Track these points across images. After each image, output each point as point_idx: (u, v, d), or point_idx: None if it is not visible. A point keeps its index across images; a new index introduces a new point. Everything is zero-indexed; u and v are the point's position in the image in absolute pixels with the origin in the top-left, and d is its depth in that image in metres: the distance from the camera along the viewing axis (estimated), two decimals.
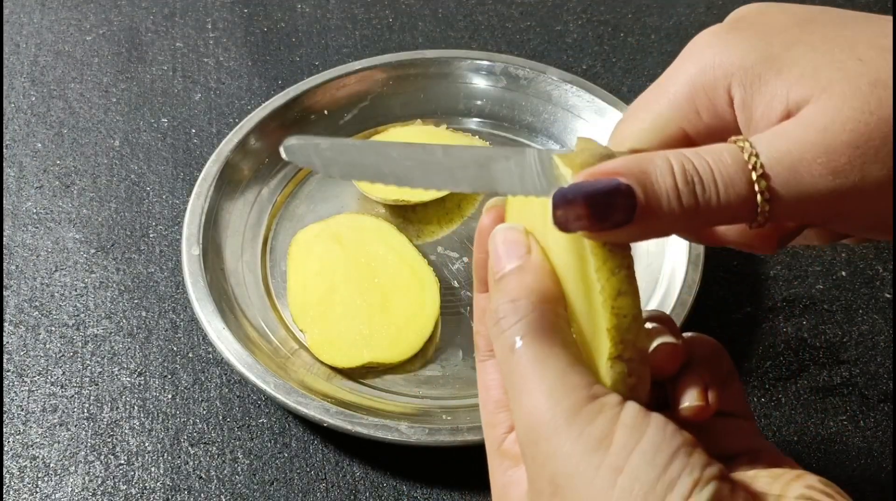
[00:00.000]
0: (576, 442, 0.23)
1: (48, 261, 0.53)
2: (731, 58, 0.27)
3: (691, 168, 0.24)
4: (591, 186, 0.24)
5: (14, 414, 0.46)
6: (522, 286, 0.26)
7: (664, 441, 0.23)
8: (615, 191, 0.24)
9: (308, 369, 0.46)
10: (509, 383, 0.26)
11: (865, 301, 0.52)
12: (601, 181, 0.24)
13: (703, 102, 0.28)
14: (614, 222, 0.24)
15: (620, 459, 0.23)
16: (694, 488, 0.22)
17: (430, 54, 0.61)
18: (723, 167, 0.25)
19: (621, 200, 0.24)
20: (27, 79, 0.64)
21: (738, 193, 0.25)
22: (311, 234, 0.52)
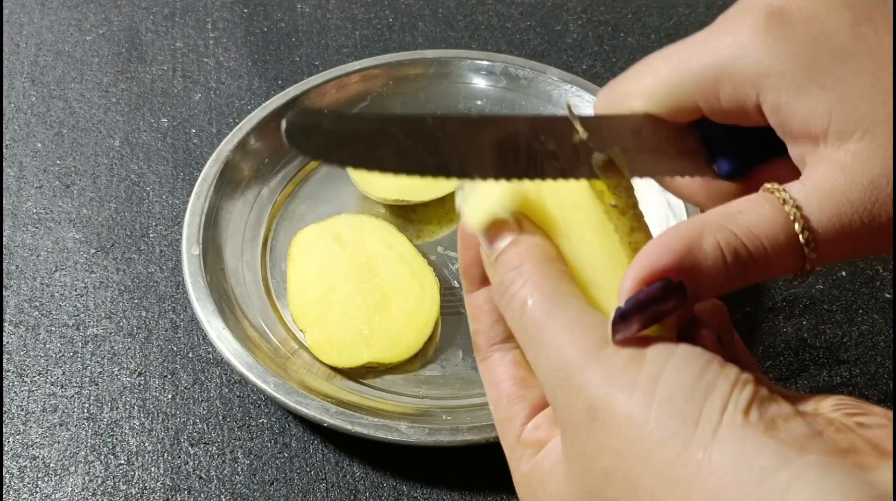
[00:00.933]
0: (608, 365, 0.23)
1: (48, 261, 0.53)
2: (771, 57, 0.26)
3: (745, 253, 0.24)
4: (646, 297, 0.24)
5: (14, 414, 0.46)
6: (521, 254, 0.26)
7: (694, 355, 0.23)
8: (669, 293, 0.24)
9: (308, 369, 0.46)
10: (527, 340, 0.25)
11: (865, 301, 0.52)
12: (654, 289, 0.24)
13: (727, 90, 0.27)
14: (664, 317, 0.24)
15: (656, 371, 0.22)
16: (733, 390, 0.22)
17: (430, 54, 0.61)
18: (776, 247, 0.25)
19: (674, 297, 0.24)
20: (27, 79, 0.64)
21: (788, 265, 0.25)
22: (311, 234, 0.52)
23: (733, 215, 0.25)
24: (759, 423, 0.21)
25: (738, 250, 0.24)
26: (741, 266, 0.24)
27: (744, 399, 0.22)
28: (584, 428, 0.23)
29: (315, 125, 0.24)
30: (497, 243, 0.27)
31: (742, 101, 0.27)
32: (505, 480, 0.44)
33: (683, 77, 0.28)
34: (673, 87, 0.28)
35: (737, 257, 0.24)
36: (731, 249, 0.24)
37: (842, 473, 0.20)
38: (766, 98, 0.26)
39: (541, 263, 0.26)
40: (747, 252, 0.24)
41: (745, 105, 0.27)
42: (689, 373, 0.22)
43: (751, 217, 0.25)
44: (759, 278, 0.25)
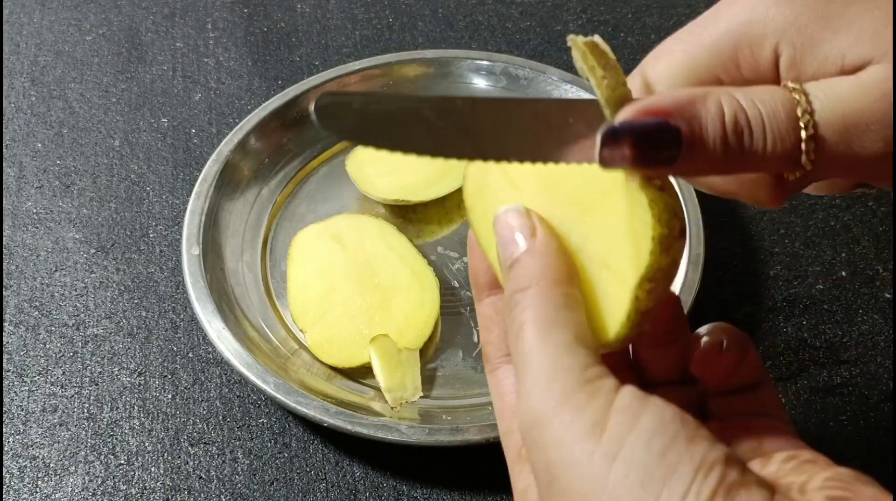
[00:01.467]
0: (568, 428, 0.22)
1: (48, 261, 0.53)
2: (784, 13, 0.26)
3: (743, 118, 0.24)
4: (641, 124, 0.23)
5: (14, 414, 0.46)
6: (530, 274, 0.26)
7: (662, 425, 0.22)
8: (664, 131, 0.23)
9: (308, 369, 0.46)
10: (515, 369, 0.25)
11: (865, 301, 0.52)
12: (650, 121, 0.23)
13: (746, 56, 0.27)
14: (656, 162, 0.23)
15: (615, 445, 0.21)
16: (696, 474, 0.21)
17: (430, 54, 0.61)
18: (775, 122, 0.24)
19: (668, 140, 0.23)
20: (27, 79, 0.64)
21: (786, 149, 0.24)
22: (311, 234, 0.52)
23: (742, 88, 0.25)
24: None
25: (737, 115, 0.24)
26: (738, 135, 0.24)
27: (707, 488, 0.21)
28: (545, 489, 0.23)
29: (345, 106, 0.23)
30: (510, 248, 0.27)
31: (762, 64, 0.26)
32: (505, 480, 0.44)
33: (700, 53, 0.27)
34: (692, 64, 0.28)
35: (735, 122, 0.24)
36: (731, 111, 0.24)
37: None
38: (782, 54, 0.26)
39: (547, 288, 0.25)
40: (746, 119, 0.24)
41: (765, 69, 0.27)
42: (650, 454, 0.21)
43: (757, 91, 0.24)
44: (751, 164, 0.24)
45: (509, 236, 0.27)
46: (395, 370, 0.46)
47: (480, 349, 0.48)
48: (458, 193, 0.55)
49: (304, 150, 0.58)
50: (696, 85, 0.27)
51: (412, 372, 0.46)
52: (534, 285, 0.25)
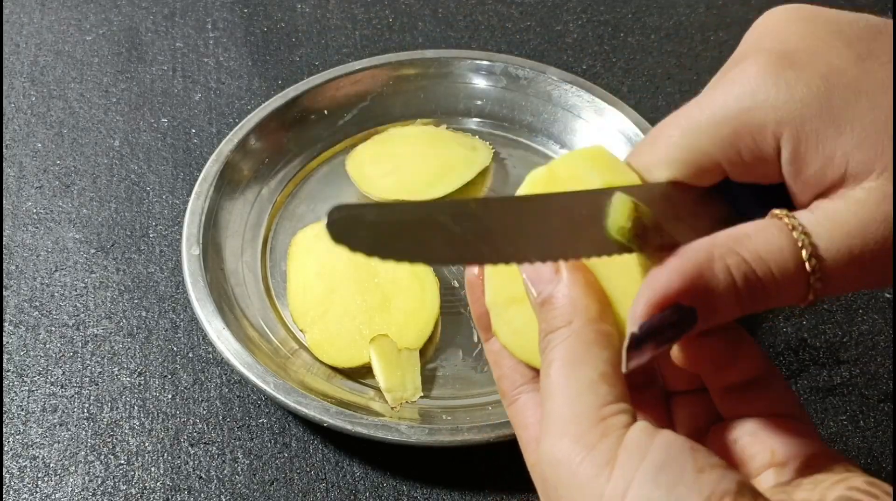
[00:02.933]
0: (580, 467, 0.23)
1: (48, 261, 0.53)
2: (788, 105, 0.25)
3: (753, 277, 0.24)
4: (659, 323, 0.24)
5: (14, 414, 0.46)
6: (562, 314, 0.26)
7: (669, 460, 0.22)
8: (681, 318, 0.24)
9: (308, 369, 0.46)
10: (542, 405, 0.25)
11: (865, 301, 0.52)
12: (667, 315, 0.24)
13: (747, 144, 0.26)
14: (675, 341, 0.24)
15: (623, 482, 0.22)
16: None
17: (430, 54, 0.61)
18: (785, 275, 0.24)
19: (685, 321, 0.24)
20: (27, 79, 0.64)
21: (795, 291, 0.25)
22: (311, 234, 0.52)
23: (741, 239, 0.25)
24: None
25: (747, 275, 0.24)
26: (751, 291, 0.24)
27: None
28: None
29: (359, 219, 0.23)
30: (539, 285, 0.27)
31: (763, 152, 0.26)
32: (505, 480, 0.44)
33: (699, 138, 0.27)
34: (691, 151, 0.27)
35: (747, 282, 0.24)
36: (741, 273, 0.24)
37: None
38: (784, 146, 0.25)
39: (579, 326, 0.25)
40: (756, 277, 0.24)
41: (766, 156, 0.26)
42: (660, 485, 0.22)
43: (759, 242, 0.24)
44: (766, 304, 0.25)
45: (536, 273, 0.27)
46: (395, 370, 0.46)
47: (480, 348, 0.48)
48: (458, 193, 0.55)
49: (304, 150, 0.58)
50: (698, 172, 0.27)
51: (412, 372, 0.46)
52: (565, 326, 0.26)
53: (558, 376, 0.25)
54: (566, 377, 0.25)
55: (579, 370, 0.25)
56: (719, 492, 0.21)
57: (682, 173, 0.28)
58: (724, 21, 0.70)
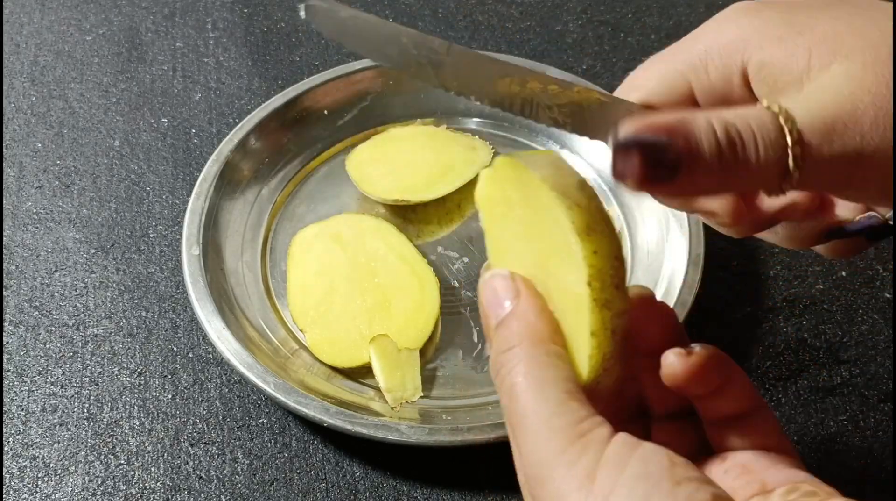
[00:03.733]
0: (563, 482, 0.23)
1: (48, 261, 0.53)
2: (753, 25, 0.28)
3: (734, 130, 0.25)
4: (645, 138, 0.24)
5: (14, 414, 0.46)
6: (515, 334, 0.27)
7: (647, 472, 0.23)
8: (665, 146, 0.24)
9: (308, 369, 0.46)
10: (510, 426, 0.26)
11: (865, 301, 0.52)
12: (656, 136, 0.24)
13: (715, 62, 0.28)
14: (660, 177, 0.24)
15: (602, 495, 0.22)
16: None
17: None
18: (764, 131, 0.25)
19: (669, 154, 0.24)
20: (27, 79, 0.64)
21: (777, 156, 0.25)
22: (310, 234, 0.52)
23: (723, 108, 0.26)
24: None
25: (728, 128, 0.25)
26: (731, 147, 0.25)
27: None
28: None
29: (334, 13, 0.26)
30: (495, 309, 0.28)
31: (729, 69, 0.28)
32: (505, 480, 0.44)
33: (675, 65, 0.29)
34: (665, 74, 0.29)
35: (728, 136, 0.25)
36: (723, 126, 0.25)
37: None
38: (750, 59, 0.27)
39: (531, 346, 0.26)
40: (737, 132, 0.25)
41: (731, 73, 0.28)
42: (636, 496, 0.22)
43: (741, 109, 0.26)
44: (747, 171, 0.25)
45: (493, 299, 0.28)
46: (395, 370, 0.46)
47: (481, 348, 0.48)
48: (458, 193, 0.55)
49: (304, 150, 0.58)
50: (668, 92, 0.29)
51: (412, 372, 0.46)
52: (517, 345, 0.26)
53: (526, 397, 0.25)
54: (535, 399, 0.25)
55: (546, 390, 0.25)
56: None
57: (656, 95, 0.29)
58: None
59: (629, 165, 0.24)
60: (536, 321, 0.27)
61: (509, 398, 0.26)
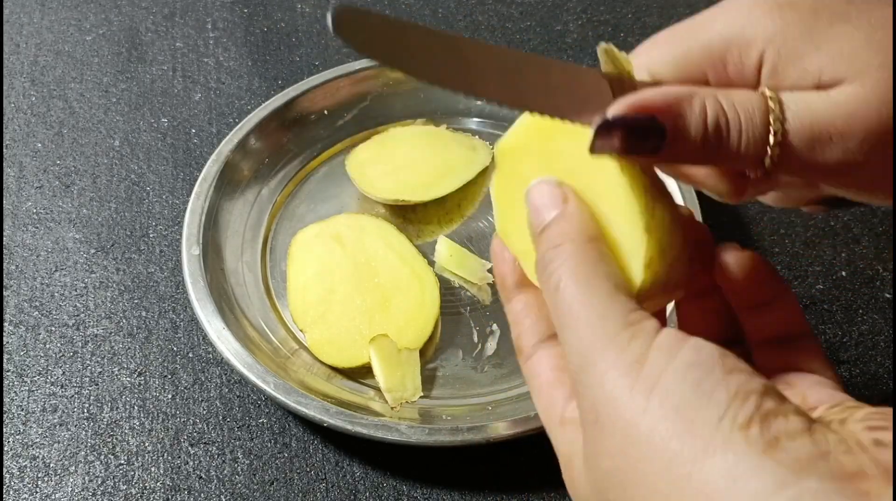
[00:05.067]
0: (611, 367, 0.23)
1: (48, 261, 0.53)
2: (775, 24, 0.28)
3: (723, 120, 0.26)
4: (632, 119, 0.25)
5: (14, 414, 0.46)
6: (563, 233, 0.27)
7: (698, 359, 0.22)
8: (651, 128, 0.25)
9: (308, 369, 0.46)
10: (557, 321, 0.26)
11: (865, 301, 0.52)
12: (640, 117, 0.25)
13: (734, 58, 0.28)
14: (641, 151, 0.26)
15: (652, 378, 0.22)
16: (732, 401, 0.21)
17: None
18: (750, 127, 0.26)
19: (654, 135, 0.25)
20: (27, 79, 0.64)
21: (756, 151, 0.27)
22: (311, 234, 0.52)
23: (724, 91, 0.27)
24: (759, 440, 0.20)
25: (718, 117, 0.26)
26: (717, 135, 0.26)
27: (744, 413, 0.21)
28: (590, 427, 0.24)
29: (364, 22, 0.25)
30: (542, 214, 0.28)
31: (746, 66, 0.28)
32: (504, 480, 0.44)
33: (692, 48, 0.29)
34: (683, 58, 0.29)
35: (716, 125, 0.26)
36: (714, 112, 0.26)
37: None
38: (766, 62, 0.28)
39: (581, 243, 0.26)
40: (726, 122, 0.26)
41: (748, 72, 0.28)
42: (688, 381, 0.22)
43: (738, 95, 0.27)
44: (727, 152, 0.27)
45: (541, 202, 0.28)
46: (395, 370, 0.46)
47: (481, 348, 0.48)
48: (458, 193, 0.55)
49: (304, 150, 0.58)
50: (684, 77, 0.30)
51: (412, 372, 0.46)
52: (568, 242, 0.27)
53: (574, 288, 0.25)
54: (583, 289, 0.25)
55: (595, 283, 0.25)
56: (746, 390, 0.22)
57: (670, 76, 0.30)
58: None
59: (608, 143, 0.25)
60: (585, 221, 0.27)
61: (556, 292, 0.26)
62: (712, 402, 0.21)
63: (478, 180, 0.56)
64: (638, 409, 0.22)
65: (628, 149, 0.26)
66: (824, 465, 0.20)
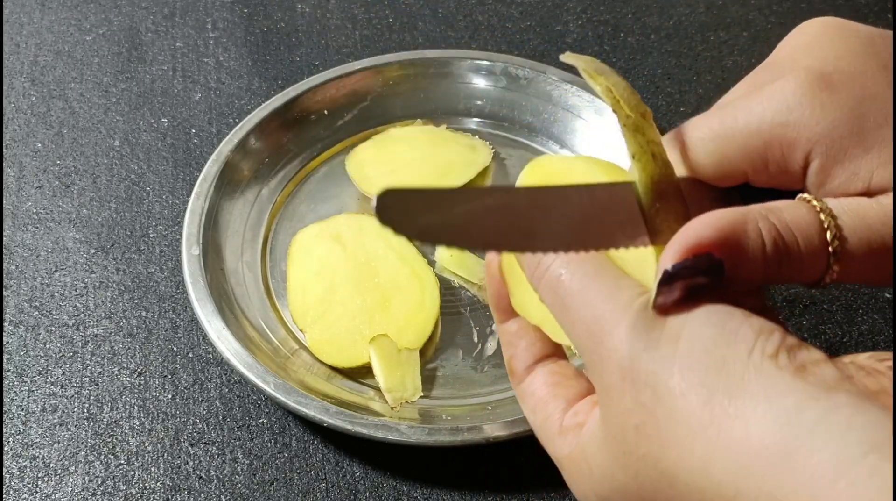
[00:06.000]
0: (635, 327, 0.23)
1: (48, 261, 0.53)
2: (821, 125, 0.26)
3: (782, 245, 0.25)
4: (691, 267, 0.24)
5: (14, 414, 0.46)
6: None
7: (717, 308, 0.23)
8: (711, 266, 0.24)
9: (308, 369, 0.46)
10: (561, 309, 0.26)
11: (865, 301, 0.52)
12: (700, 260, 0.24)
13: (776, 157, 0.27)
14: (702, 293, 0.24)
15: (676, 327, 0.23)
16: (758, 337, 0.22)
17: (430, 54, 0.61)
18: (810, 248, 0.25)
19: (713, 271, 0.24)
20: (27, 79, 0.64)
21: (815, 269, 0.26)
22: (311, 234, 0.52)
23: (773, 210, 0.26)
24: (788, 367, 0.22)
25: (776, 240, 0.25)
26: (777, 257, 0.25)
27: (771, 345, 0.22)
28: (617, 387, 0.24)
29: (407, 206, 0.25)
30: None
31: (791, 166, 0.27)
32: (504, 480, 0.44)
33: (729, 145, 0.28)
34: (719, 155, 0.28)
35: (775, 247, 0.25)
36: (771, 237, 0.25)
37: (873, 412, 0.20)
38: (813, 161, 0.27)
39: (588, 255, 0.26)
40: (784, 245, 0.25)
41: (792, 170, 0.28)
42: (711, 325, 0.23)
43: (789, 214, 0.26)
44: (788, 274, 0.26)
45: None
46: (395, 370, 0.46)
47: (481, 348, 0.48)
48: None
49: (304, 150, 0.58)
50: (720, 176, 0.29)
51: (412, 372, 0.46)
52: None
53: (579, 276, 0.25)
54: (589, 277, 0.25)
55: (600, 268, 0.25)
56: (768, 328, 0.22)
57: (706, 175, 0.29)
58: (724, 21, 0.70)
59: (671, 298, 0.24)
60: None
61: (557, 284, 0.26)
62: (739, 338, 0.22)
63: (478, 180, 0.56)
64: (667, 358, 0.22)
65: (690, 295, 0.24)
66: (850, 384, 0.21)
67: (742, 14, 0.70)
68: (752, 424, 0.21)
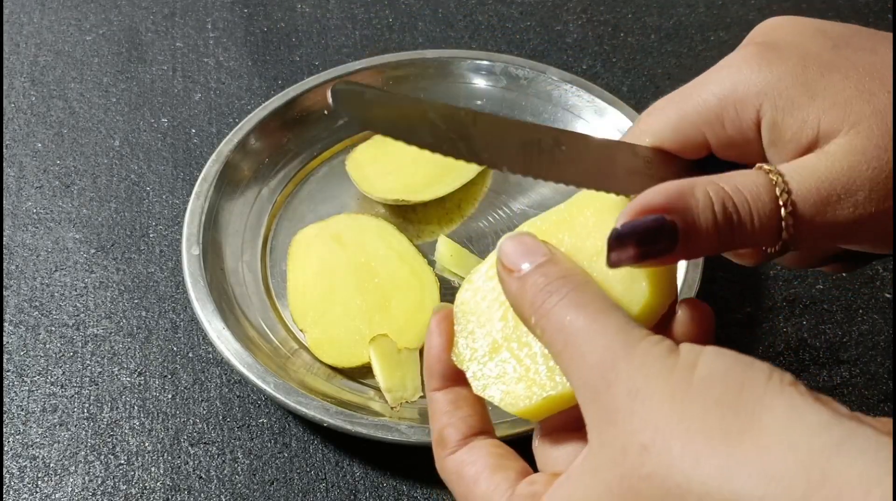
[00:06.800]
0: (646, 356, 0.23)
1: (48, 261, 0.53)
2: (768, 78, 0.28)
3: (731, 204, 0.26)
4: (641, 225, 0.25)
5: (14, 414, 0.46)
6: (554, 274, 0.26)
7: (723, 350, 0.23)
8: (661, 229, 0.25)
9: (308, 369, 0.46)
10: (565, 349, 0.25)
11: (865, 301, 0.52)
12: (648, 219, 0.25)
13: (731, 115, 0.29)
14: (657, 255, 0.26)
15: (692, 357, 0.23)
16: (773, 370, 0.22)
17: (430, 54, 0.61)
18: (759, 204, 0.26)
19: (666, 235, 0.25)
20: (27, 79, 0.64)
21: (770, 226, 0.27)
22: (311, 234, 0.52)
23: (725, 177, 0.27)
24: (808, 394, 0.22)
25: (724, 202, 0.26)
26: (728, 220, 0.26)
27: (787, 377, 0.22)
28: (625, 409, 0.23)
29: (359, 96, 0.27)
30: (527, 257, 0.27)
31: (745, 123, 0.29)
32: None
33: (689, 111, 0.30)
34: (680, 121, 0.30)
35: (724, 210, 0.26)
36: (720, 198, 0.26)
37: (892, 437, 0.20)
38: (764, 116, 0.28)
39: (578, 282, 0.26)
40: (733, 204, 0.26)
41: (747, 128, 0.29)
42: (725, 356, 0.23)
43: (738, 178, 0.27)
44: (742, 238, 0.26)
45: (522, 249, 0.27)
46: (395, 370, 0.46)
47: None
48: (458, 193, 0.55)
49: (304, 150, 0.58)
50: (683, 141, 0.30)
51: (412, 372, 0.46)
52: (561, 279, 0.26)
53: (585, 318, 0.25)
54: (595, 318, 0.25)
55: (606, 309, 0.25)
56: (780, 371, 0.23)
57: (670, 143, 0.30)
58: (724, 21, 0.70)
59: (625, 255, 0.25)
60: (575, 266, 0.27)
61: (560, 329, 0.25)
62: (756, 367, 0.22)
63: (478, 180, 0.56)
64: (683, 379, 0.23)
65: (644, 255, 0.25)
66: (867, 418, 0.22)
67: (742, 14, 0.70)
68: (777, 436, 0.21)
